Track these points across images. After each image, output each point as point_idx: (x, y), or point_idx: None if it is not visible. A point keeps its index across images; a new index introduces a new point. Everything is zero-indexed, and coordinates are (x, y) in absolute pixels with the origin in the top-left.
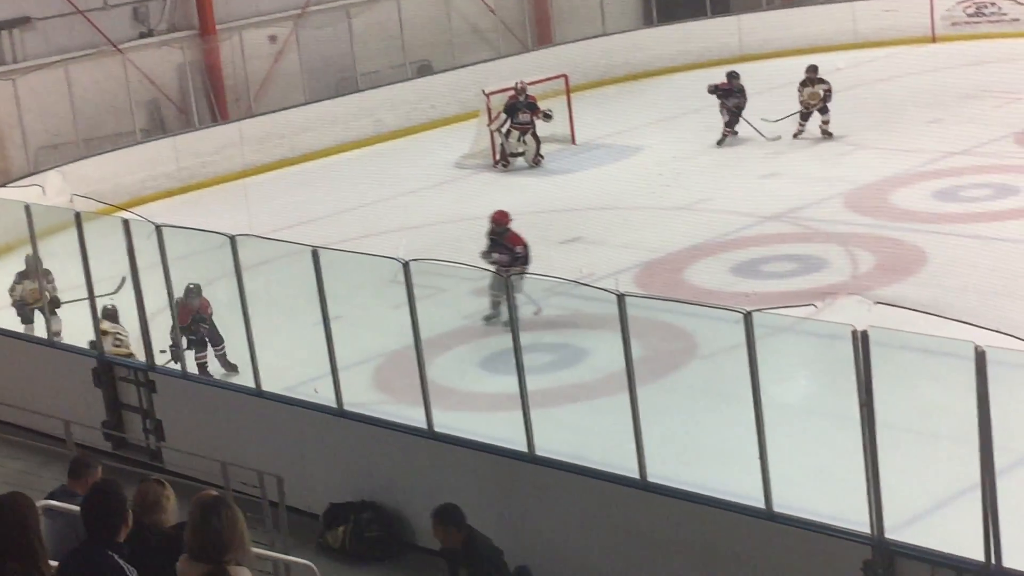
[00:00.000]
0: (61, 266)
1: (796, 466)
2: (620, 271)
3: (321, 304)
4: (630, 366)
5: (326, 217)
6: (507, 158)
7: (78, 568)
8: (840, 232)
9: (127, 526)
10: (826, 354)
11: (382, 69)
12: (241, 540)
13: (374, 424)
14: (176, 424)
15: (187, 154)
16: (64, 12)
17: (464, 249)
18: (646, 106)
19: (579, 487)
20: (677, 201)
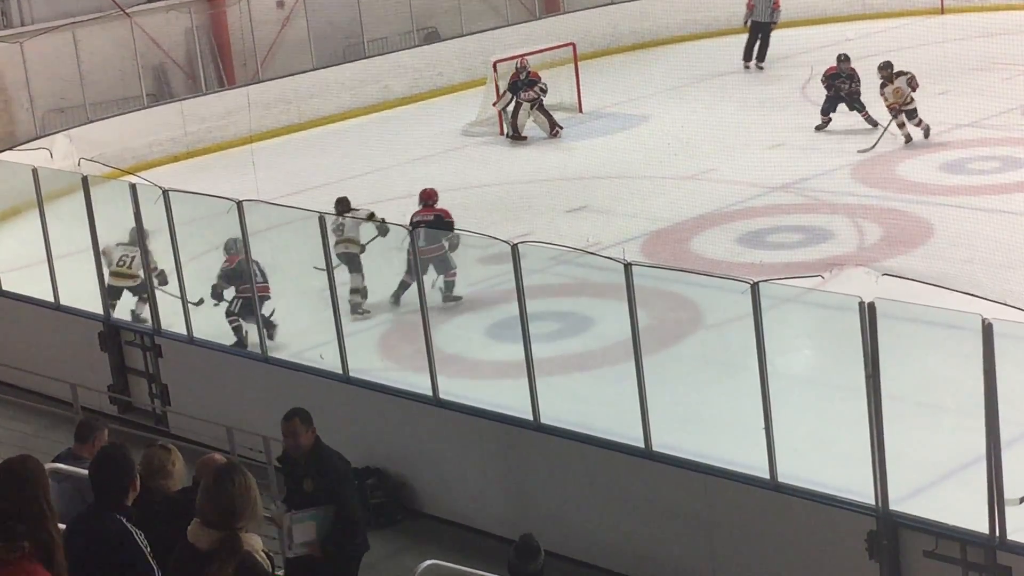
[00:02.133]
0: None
1: (801, 437)
2: (626, 240)
3: (328, 271)
4: (636, 335)
5: (333, 183)
6: (519, 132)
7: (86, 531)
8: (847, 203)
9: (135, 490)
10: (832, 325)
11: (389, 36)
12: (254, 507)
13: (379, 391)
14: (182, 389)
15: (194, 119)
16: None
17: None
18: (653, 76)
19: (584, 455)
20: (684, 171)
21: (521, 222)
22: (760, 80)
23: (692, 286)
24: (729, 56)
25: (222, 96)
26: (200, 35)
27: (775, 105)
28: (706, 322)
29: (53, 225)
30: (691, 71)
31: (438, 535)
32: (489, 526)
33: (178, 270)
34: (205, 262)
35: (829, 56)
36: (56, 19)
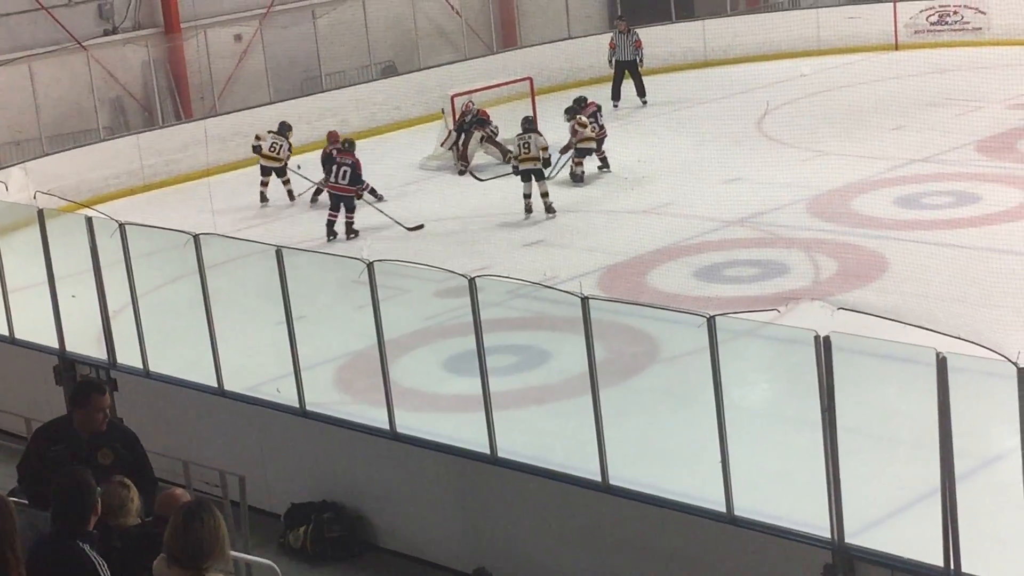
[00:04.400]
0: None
1: (757, 470)
2: (583, 274)
3: (285, 304)
4: (593, 369)
5: (290, 216)
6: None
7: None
8: (802, 237)
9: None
10: (788, 358)
11: (347, 69)
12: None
13: (336, 424)
14: (137, 423)
15: (150, 152)
16: (28, 8)
17: (428, 250)
18: (610, 110)
19: (541, 489)
20: (641, 205)
21: (478, 256)
22: (716, 114)
23: (648, 320)
24: (686, 90)
25: (179, 129)
26: (157, 68)
27: (731, 139)
28: (662, 355)
29: (8, 258)
30: (648, 106)
31: (395, 569)
32: (446, 560)
33: (134, 304)
34: (162, 295)
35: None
36: (12, 51)
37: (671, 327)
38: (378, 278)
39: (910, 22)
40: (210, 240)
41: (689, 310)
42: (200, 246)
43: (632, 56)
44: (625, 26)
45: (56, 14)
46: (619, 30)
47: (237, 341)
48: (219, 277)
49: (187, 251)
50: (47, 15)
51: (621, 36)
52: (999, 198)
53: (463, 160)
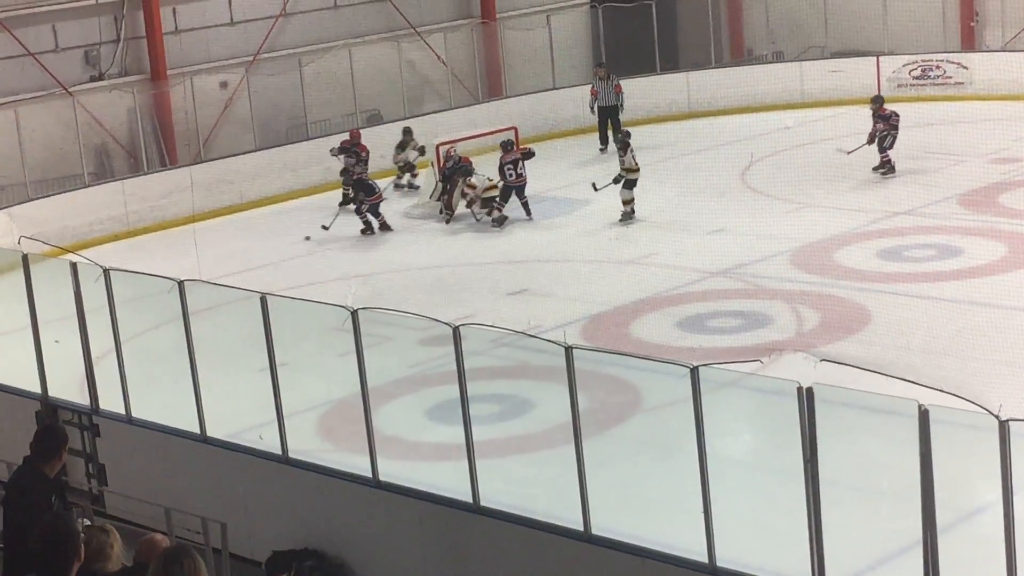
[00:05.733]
0: (6, 308)
1: (739, 520)
2: (567, 323)
3: (268, 351)
4: (576, 418)
5: (273, 264)
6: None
7: None
8: (785, 289)
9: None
10: (770, 409)
11: (333, 117)
12: None
13: (319, 472)
14: (119, 469)
15: (135, 198)
16: (15, 54)
17: (411, 298)
18: (594, 160)
19: (523, 538)
20: (624, 255)
21: (462, 304)
22: (700, 165)
23: (632, 369)
24: (671, 141)
25: (164, 176)
26: (143, 115)
27: (715, 191)
28: (645, 405)
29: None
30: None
31: None
32: None
33: (118, 350)
34: (146, 341)
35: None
36: None
37: (654, 377)
38: (362, 326)
39: (893, 76)
40: (195, 286)
41: (673, 360)
42: (184, 292)
43: (614, 101)
44: (604, 72)
45: (43, 60)
46: (599, 76)
47: (220, 388)
48: (203, 323)
49: (171, 297)
50: (34, 61)
51: (601, 83)
52: (981, 251)
53: (448, 209)
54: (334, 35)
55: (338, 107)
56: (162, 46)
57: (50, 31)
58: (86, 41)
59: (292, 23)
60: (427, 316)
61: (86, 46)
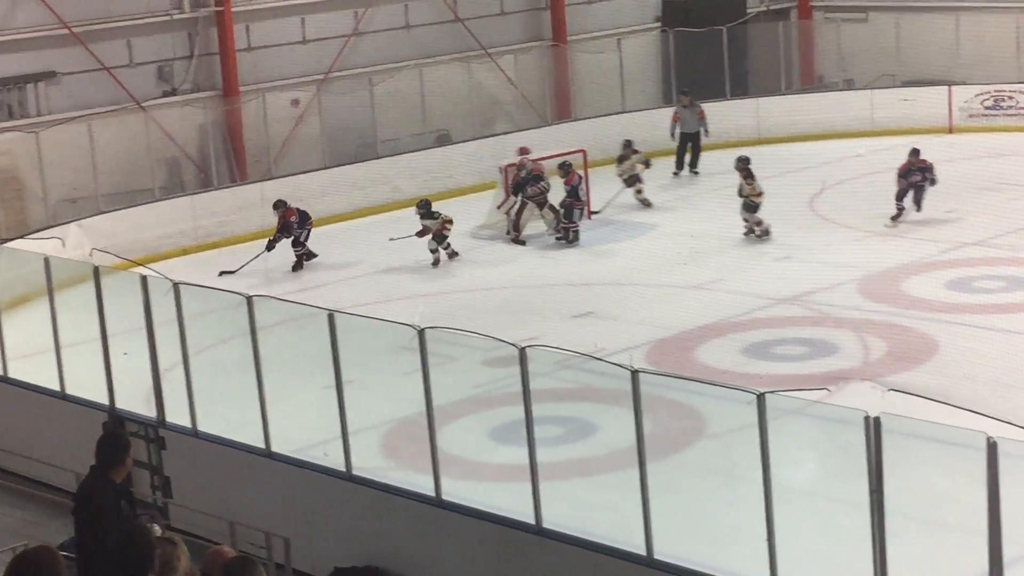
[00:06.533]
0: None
1: (803, 549)
2: (632, 347)
3: (335, 368)
4: (641, 443)
5: (341, 281)
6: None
7: None
8: (852, 318)
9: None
10: (835, 438)
11: (402, 137)
12: None
13: (382, 490)
14: (184, 481)
15: (204, 213)
16: (90, 68)
17: (477, 319)
18: (662, 184)
19: (585, 562)
20: (691, 280)
21: (527, 326)
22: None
23: (696, 395)
24: None
25: (234, 191)
26: (214, 130)
27: (784, 217)
28: (709, 431)
29: (62, 314)
30: (700, 182)
31: None
32: None
33: (185, 363)
34: (212, 355)
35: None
36: (73, 110)
37: (719, 403)
38: (428, 345)
39: (965, 106)
40: (263, 302)
41: (739, 386)
42: (253, 308)
43: (696, 128)
44: (689, 100)
45: (117, 74)
46: (683, 104)
47: (285, 403)
48: (270, 339)
49: (239, 312)
50: (108, 75)
51: (685, 109)
52: None
53: (516, 229)
54: (406, 55)
55: (407, 127)
56: (235, 63)
57: (125, 46)
58: (160, 56)
59: (364, 42)
60: (494, 337)
61: (160, 61)
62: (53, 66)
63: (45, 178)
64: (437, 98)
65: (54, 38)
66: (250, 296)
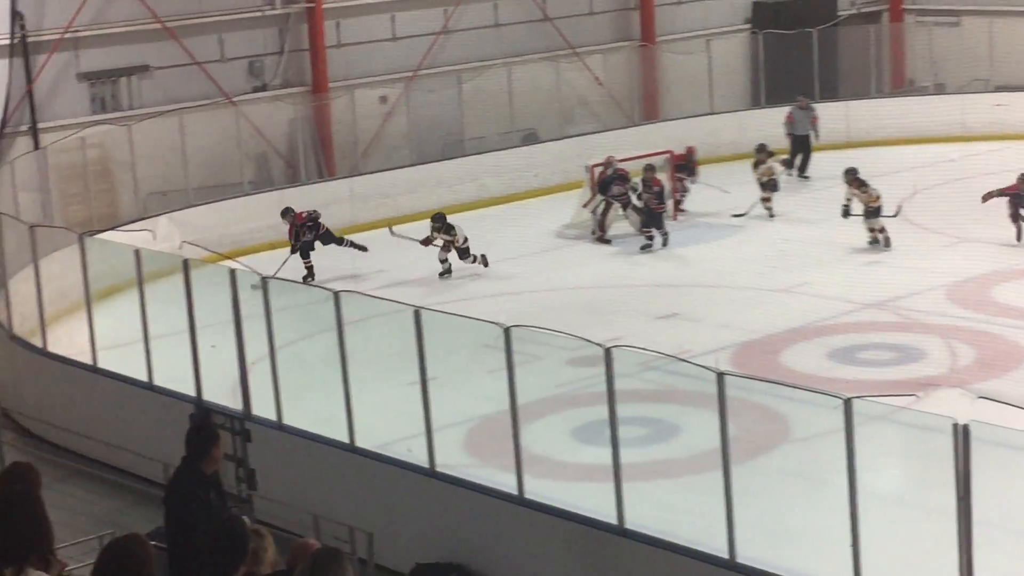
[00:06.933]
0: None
1: (887, 557)
2: (717, 350)
3: (420, 364)
4: (726, 445)
5: (426, 277)
6: (604, 234)
7: None
8: (940, 324)
9: (246, 566)
10: (922, 445)
11: (489, 135)
12: None
13: (465, 487)
14: (269, 474)
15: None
16: (182, 63)
17: (561, 318)
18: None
19: (667, 563)
20: (777, 283)
21: (611, 326)
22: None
23: (780, 399)
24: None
25: (321, 187)
26: (303, 126)
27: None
28: (794, 436)
29: (151, 305)
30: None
31: None
32: None
33: (272, 357)
34: (298, 349)
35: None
36: (164, 104)
37: (803, 407)
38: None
39: None
40: (349, 298)
41: (826, 391)
42: (340, 303)
43: (807, 131)
44: (805, 103)
45: (208, 69)
46: (799, 106)
47: (369, 398)
48: (355, 334)
49: (326, 307)
50: (199, 70)
51: (800, 112)
52: None
53: (601, 228)
54: (494, 53)
55: (495, 125)
56: (324, 59)
57: (216, 41)
58: (251, 52)
59: (453, 40)
60: (579, 336)
61: (250, 57)
62: (146, 60)
63: (136, 171)
64: (525, 97)
65: (147, 32)
66: (337, 291)
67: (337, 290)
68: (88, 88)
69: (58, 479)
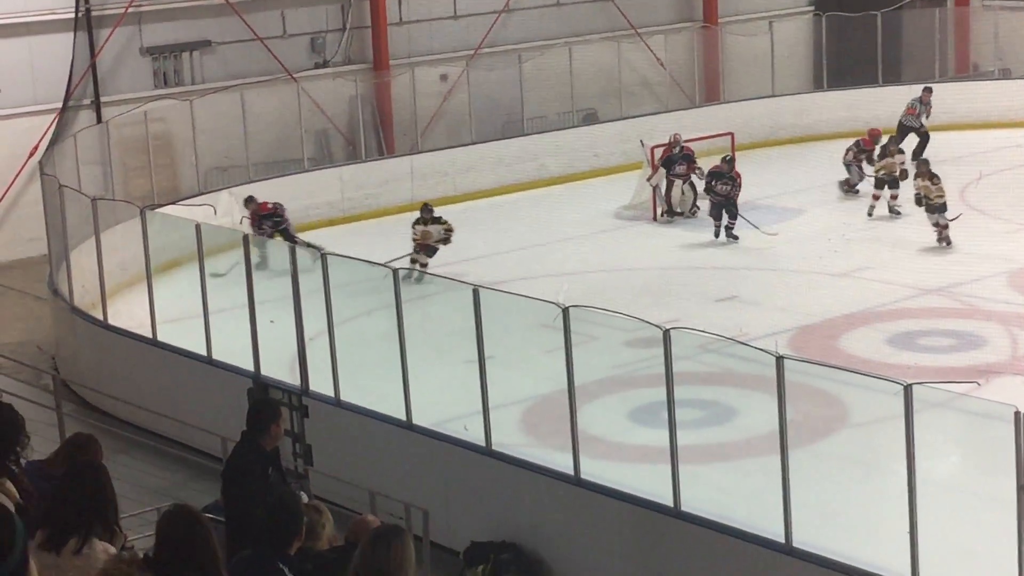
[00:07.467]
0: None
1: (946, 544)
2: (775, 333)
3: (478, 343)
4: (784, 429)
5: (485, 256)
6: (672, 210)
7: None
8: (1001, 311)
9: (300, 540)
10: (981, 433)
11: (549, 115)
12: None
13: (521, 466)
14: (325, 450)
15: (352, 185)
16: (244, 38)
17: (619, 299)
18: (810, 170)
19: (723, 546)
20: (837, 268)
21: (669, 308)
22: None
23: (839, 383)
24: None
25: (381, 164)
26: (364, 103)
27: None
28: (851, 421)
29: (211, 280)
30: None
31: None
32: None
33: (330, 333)
34: (356, 326)
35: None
36: (226, 79)
37: (862, 392)
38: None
39: None
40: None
41: (886, 376)
42: (399, 281)
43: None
44: (929, 96)
45: (270, 45)
46: (922, 100)
47: (427, 376)
48: (413, 312)
49: (385, 284)
50: (261, 45)
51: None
52: None
53: (669, 205)
54: (555, 33)
55: (555, 105)
56: (386, 36)
57: (279, 17)
58: (313, 28)
59: (514, 19)
60: (637, 318)
61: (312, 33)
62: (208, 35)
63: (197, 146)
64: (585, 77)
65: (210, 8)
66: (396, 269)
67: (396, 268)
68: (151, 63)
69: (117, 451)
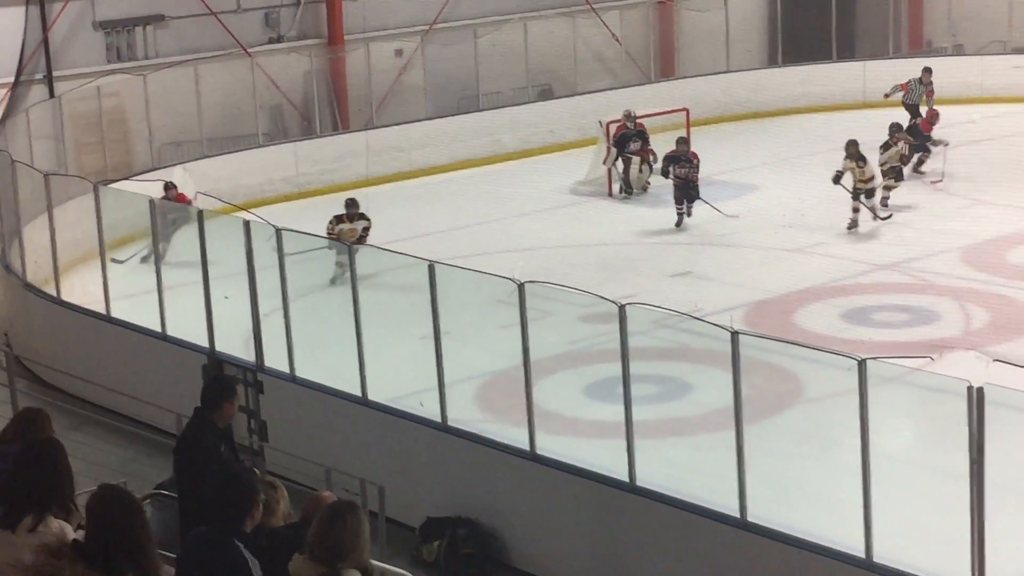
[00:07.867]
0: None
1: (899, 518)
2: (730, 309)
3: (433, 318)
4: (738, 404)
5: (439, 232)
6: (630, 188)
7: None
8: (954, 286)
9: (254, 519)
10: (936, 408)
11: (504, 90)
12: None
13: (477, 442)
14: (281, 426)
15: (307, 161)
16: (197, 12)
17: (575, 275)
18: (765, 146)
19: (678, 521)
20: (791, 243)
21: (625, 283)
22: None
23: (794, 359)
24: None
25: (336, 140)
26: (318, 78)
27: None
28: (806, 396)
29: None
30: (803, 144)
31: None
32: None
33: (285, 308)
34: (311, 302)
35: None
36: (180, 54)
37: (816, 368)
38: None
39: None
40: (364, 251)
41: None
42: (353, 257)
43: (917, 102)
44: (929, 76)
45: (224, 20)
46: (922, 81)
47: (382, 352)
48: (369, 288)
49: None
50: (215, 20)
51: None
52: None
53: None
54: (510, 8)
55: (510, 80)
56: (340, 11)
57: None
58: (267, 3)
59: None
60: (592, 293)
61: (266, 8)
62: (162, 10)
63: (151, 121)
64: (540, 52)
65: None
66: (351, 244)
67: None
68: (104, 37)
69: (70, 427)
